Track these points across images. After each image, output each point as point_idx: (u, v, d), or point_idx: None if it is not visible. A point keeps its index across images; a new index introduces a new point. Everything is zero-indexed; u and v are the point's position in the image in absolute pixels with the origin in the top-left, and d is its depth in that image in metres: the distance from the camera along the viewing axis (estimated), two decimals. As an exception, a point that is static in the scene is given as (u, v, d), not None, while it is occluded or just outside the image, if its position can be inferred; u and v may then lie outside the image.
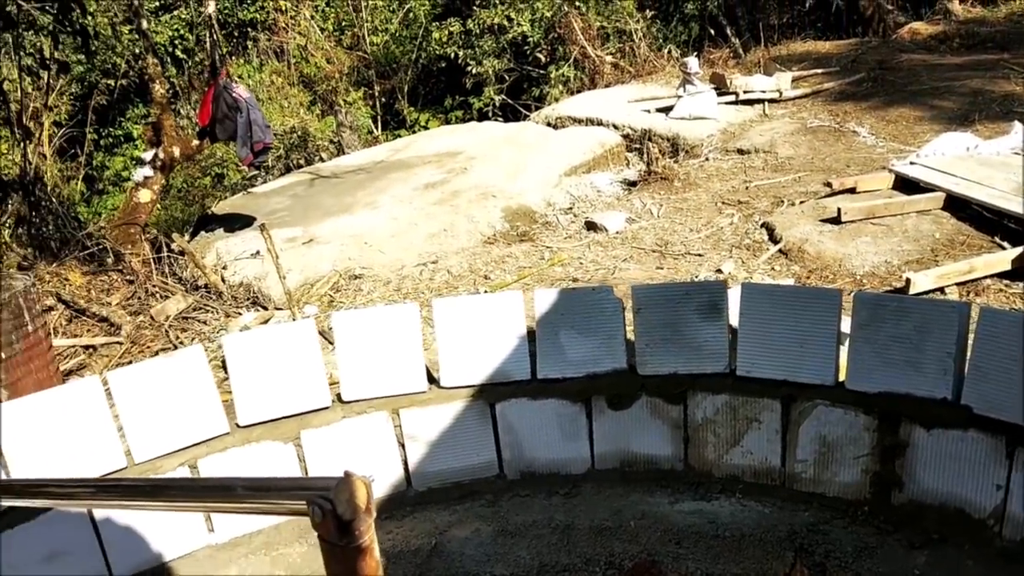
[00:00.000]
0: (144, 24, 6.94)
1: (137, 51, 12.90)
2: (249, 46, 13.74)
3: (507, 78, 12.25)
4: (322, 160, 11.25)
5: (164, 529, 3.04)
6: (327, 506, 0.92)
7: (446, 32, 12.56)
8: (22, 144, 7.53)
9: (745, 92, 9.27)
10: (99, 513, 2.91)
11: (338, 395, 3.29)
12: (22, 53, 8.46)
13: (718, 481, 3.28)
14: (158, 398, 3.03)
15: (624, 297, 3.42)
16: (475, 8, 12.28)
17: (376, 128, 13.45)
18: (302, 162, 11.33)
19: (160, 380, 3.03)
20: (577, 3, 11.48)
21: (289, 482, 0.98)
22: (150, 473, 2.97)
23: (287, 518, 3.19)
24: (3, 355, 4.66)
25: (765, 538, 3.02)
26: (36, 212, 7.56)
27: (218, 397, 3.12)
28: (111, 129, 13.45)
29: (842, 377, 3.12)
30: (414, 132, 12.71)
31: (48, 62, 7.14)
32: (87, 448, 2.88)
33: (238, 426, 3.18)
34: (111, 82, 13.24)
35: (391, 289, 6.78)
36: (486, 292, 6.17)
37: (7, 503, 2.66)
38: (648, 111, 9.32)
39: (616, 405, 3.28)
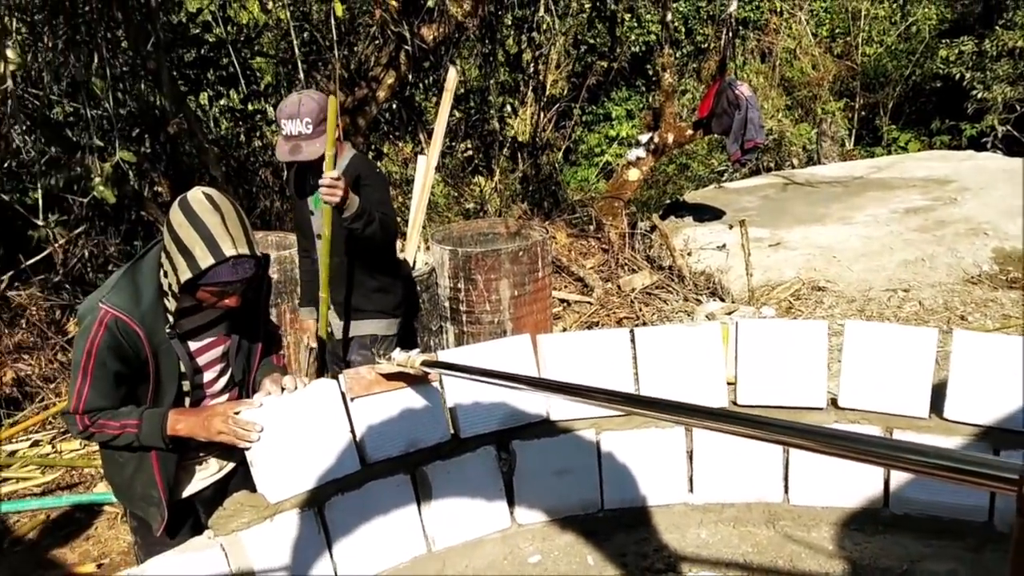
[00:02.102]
0: (668, 16, 7.44)
1: (633, 37, 13.83)
2: (737, 43, 14.05)
3: (1018, 108, 11.09)
4: (792, 166, 11.20)
5: (652, 479, 3.36)
6: (1042, 485, 1.04)
7: (955, 51, 11.70)
8: (538, 114, 8.53)
9: None
10: (604, 447, 3.31)
11: (833, 399, 3.35)
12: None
13: None
14: (672, 359, 3.33)
15: None
16: (996, 28, 11.26)
17: (848, 142, 13.06)
18: (771, 165, 11.39)
19: (677, 344, 3.33)
20: None
21: (999, 461, 1.10)
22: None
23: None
24: (516, 293, 5.42)
25: None
26: (538, 174, 8.54)
27: (724, 373, 3.34)
28: (594, 107, 14.58)
29: None
30: (890, 151, 12.13)
31: (580, 42, 7.99)
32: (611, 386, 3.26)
33: (734, 403, 3.39)
34: (604, 64, 14.30)
35: (854, 308, 6.63)
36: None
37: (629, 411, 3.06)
38: None
39: None
